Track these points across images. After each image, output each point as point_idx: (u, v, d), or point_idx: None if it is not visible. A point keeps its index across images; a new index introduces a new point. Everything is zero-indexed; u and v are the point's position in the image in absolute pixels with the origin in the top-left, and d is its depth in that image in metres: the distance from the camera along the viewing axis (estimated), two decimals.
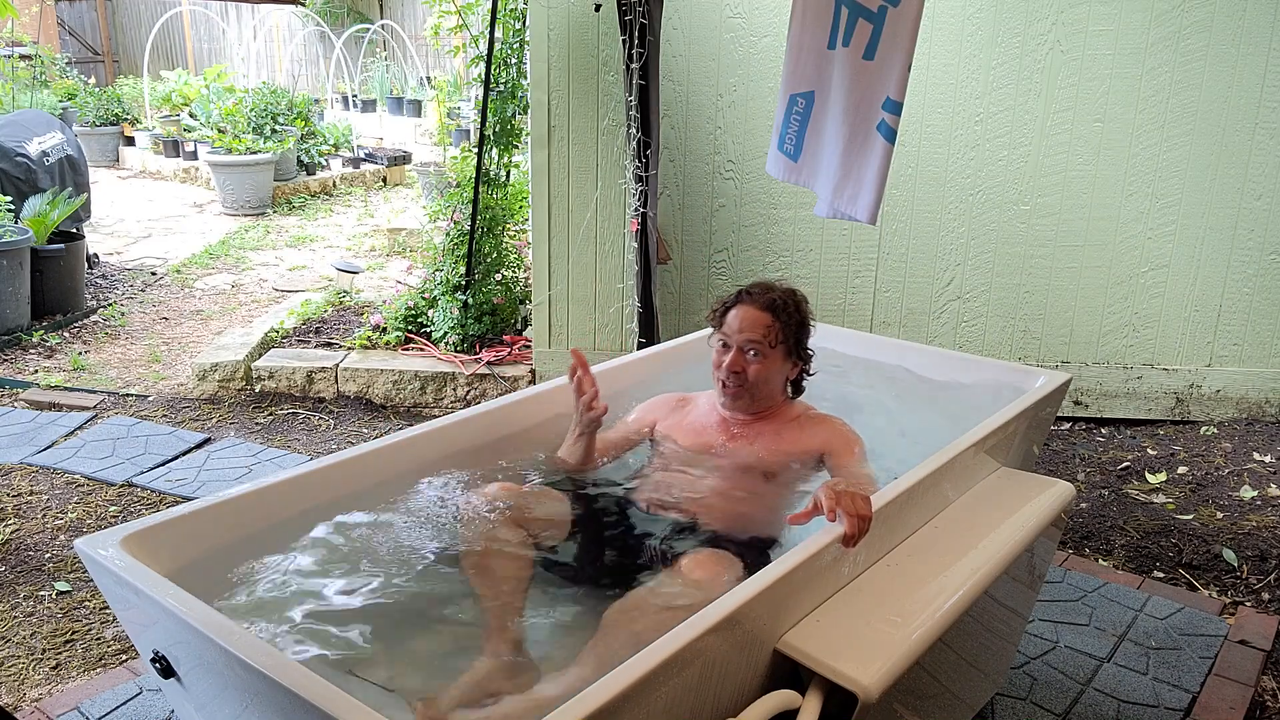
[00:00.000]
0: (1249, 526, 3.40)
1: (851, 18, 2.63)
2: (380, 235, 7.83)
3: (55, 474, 3.72)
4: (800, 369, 2.33)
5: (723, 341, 2.27)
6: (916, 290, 4.36)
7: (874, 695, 1.57)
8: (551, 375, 4.17)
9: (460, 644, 1.80)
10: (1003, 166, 4.17)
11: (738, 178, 4.28)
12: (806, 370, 2.35)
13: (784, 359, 2.26)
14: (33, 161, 6.46)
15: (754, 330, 2.21)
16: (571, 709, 1.28)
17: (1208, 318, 4.27)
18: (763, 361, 2.22)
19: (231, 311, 6.03)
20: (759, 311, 2.23)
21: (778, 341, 2.23)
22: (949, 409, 2.62)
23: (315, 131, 10.19)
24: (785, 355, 2.26)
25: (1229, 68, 3.98)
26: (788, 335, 2.24)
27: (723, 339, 2.27)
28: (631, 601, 1.76)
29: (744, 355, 2.23)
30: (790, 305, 2.26)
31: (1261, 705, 2.53)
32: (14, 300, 5.29)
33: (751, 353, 2.22)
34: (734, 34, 4.12)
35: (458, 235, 4.90)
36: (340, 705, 1.29)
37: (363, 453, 2.07)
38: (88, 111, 11.06)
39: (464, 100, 10.12)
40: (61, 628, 2.79)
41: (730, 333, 2.24)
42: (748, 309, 2.24)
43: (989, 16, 4.02)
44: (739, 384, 2.23)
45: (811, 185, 2.91)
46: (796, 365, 2.31)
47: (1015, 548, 2.01)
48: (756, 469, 2.21)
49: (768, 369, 2.23)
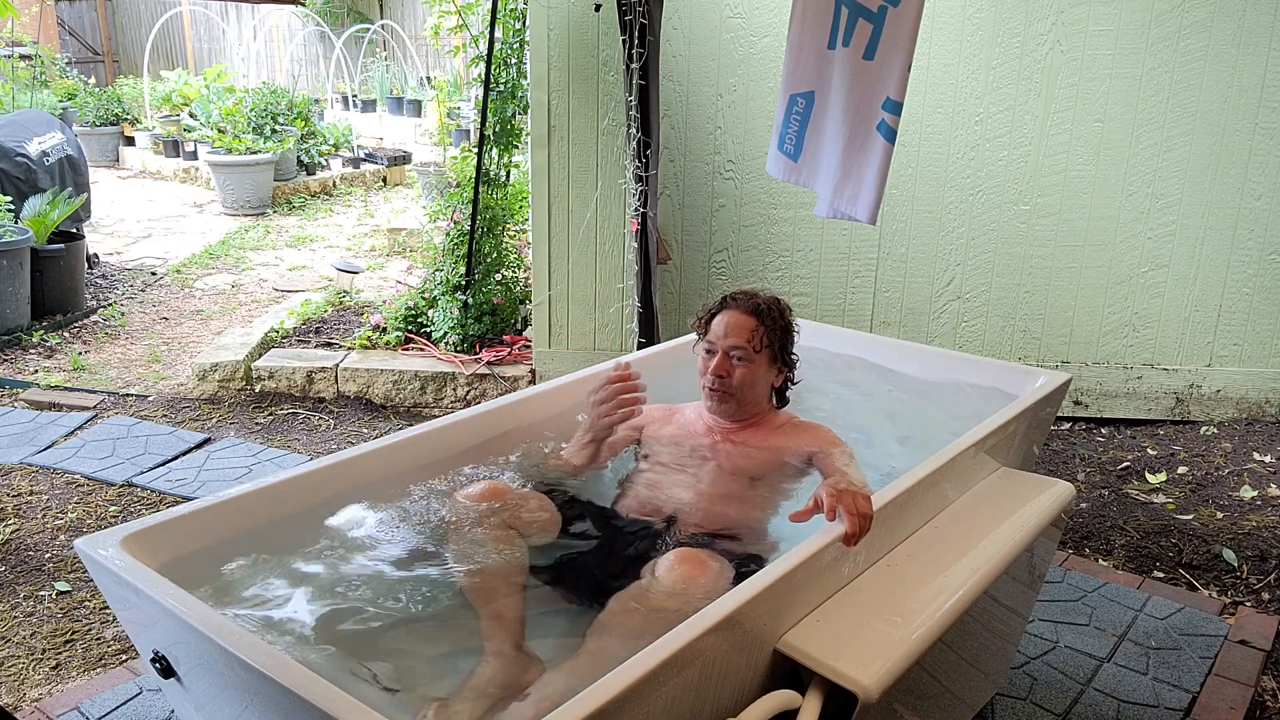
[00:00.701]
0: (1249, 526, 3.40)
1: (851, 18, 2.63)
2: (380, 235, 7.83)
3: (55, 474, 3.72)
4: (785, 375, 2.34)
5: (708, 348, 2.28)
6: (916, 290, 4.36)
7: (874, 695, 1.57)
8: (551, 375, 4.17)
9: (461, 644, 1.80)
10: (1003, 166, 4.18)
11: (738, 178, 4.28)
12: (791, 378, 2.36)
13: (769, 364, 2.27)
14: (33, 161, 6.46)
15: (739, 335, 2.23)
16: (571, 709, 1.28)
17: (1208, 318, 4.27)
18: (748, 366, 2.23)
19: (231, 311, 6.03)
20: (743, 316, 2.24)
21: (762, 346, 2.24)
22: (949, 409, 2.63)
23: (315, 131, 10.19)
24: (770, 360, 2.27)
25: (1229, 68, 3.98)
26: (773, 340, 2.26)
27: (708, 345, 2.28)
28: (618, 604, 1.76)
29: (729, 360, 2.23)
30: (775, 311, 2.28)
31: (1261, 705, 2.53)
32: (14, 300, 5.29)
33: (737, 357, 2.23)
34: (734, 34, 4.12)
35: (458, 235, 4.90)
36: (340, 705, 1.29)
37: (362, 453, 2.08)
38: (88, 111, 11.06)
39: (464, 100, 10.12)
40: (61, 628, 2.79)
41: (715, 339, 2.26)
42: (732, 314, 2.26)
43: (989, 16, 4.02)
44: (724, 389, 2.23)
45: (811, 185, 2.91)
46: (781, 372, 2.32)
47: (1015, 548, 2.01)
48: (744, 472, 2.21)
49: (753, 373, 2.24)
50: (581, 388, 2.53)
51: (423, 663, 1.77)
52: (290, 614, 1.72)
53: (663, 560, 1.79)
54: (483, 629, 1.80)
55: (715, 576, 1.75)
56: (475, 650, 1.76)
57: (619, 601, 1.77)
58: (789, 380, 2.35)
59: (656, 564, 1.80)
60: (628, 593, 1.78)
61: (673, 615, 1.62)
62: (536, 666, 1.73)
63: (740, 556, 1.95)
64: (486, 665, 1.71)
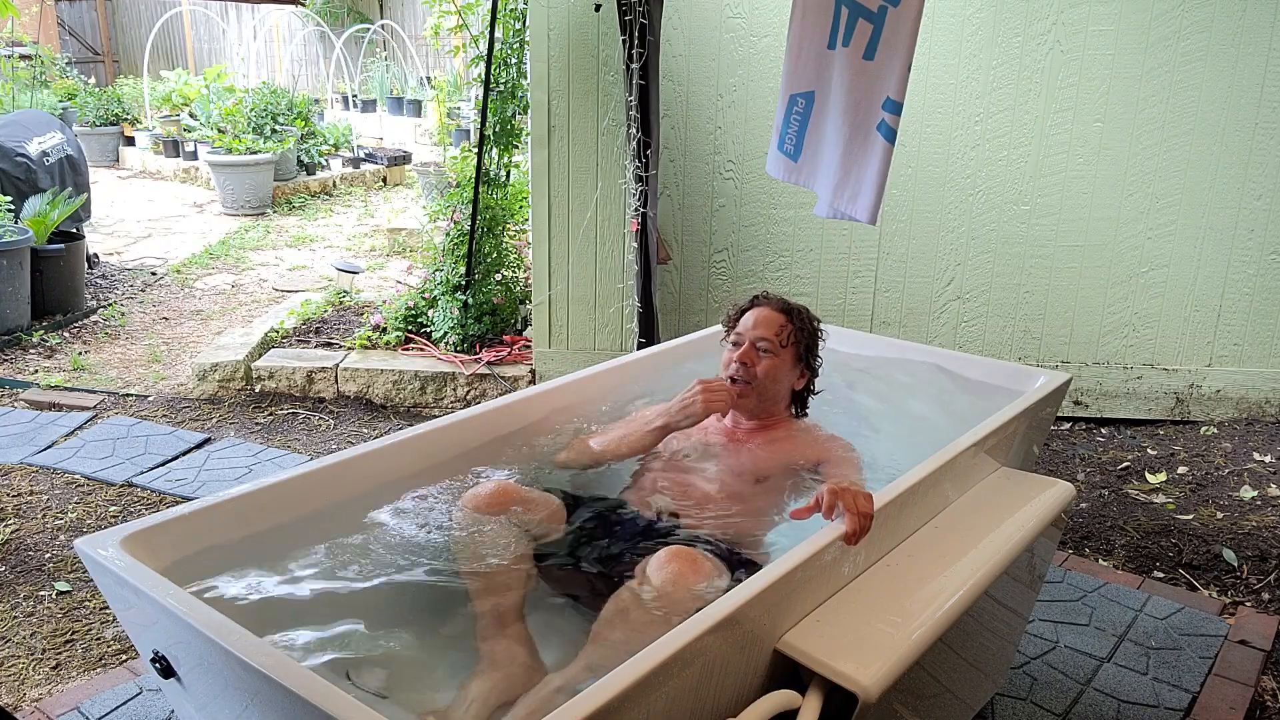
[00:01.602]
0: (1249, 526, 3.40)
1: (851, 18, 2.63)
2: (380, 235, 7.83)
3: (55, 474, 3.72)
4: (807, 380, 2.37)
5: (734, 340, 2.33)
6: (916, 290, 4.36)
7: (874, 695, 1.57)
8: (551, 375, 4.17)
9: (461, 646, 1.80)
10: (1003, 166, 4.18)
11: (738, 178, 4.28)
12: (812, 387, 2.39)
13: (793, 363, 2.32)
14: (33, 161, 6.46)
15: (767, 328, 2.29)
16: (571, 709, 1.28)
17: (1208, 318, 4.27)
18: (773, 360, 2.27)
19: (231, 311, 6.03)
20: (774, 312, 2.32)
21: (789, 342, 2.29)
22: (948, 409, 2.63)
23: (315, 131, 10.19)
24: (795, 360, 2.32)
25: (1229, 68, 3.98)
26: (799, 339, 2.31)
27: (735, 338, 2.33)
28: (612, 608, 1.75)
29: (755, 350, 2.28)
30: (804, 313, 2.37)
31: (1261, 705, 2.53)
32: (14, 300, 5.29)
33: (762, 349, 2.28)
34: (734, 34, 4.12)
35: (458, 235, 4.90)
36: (340, 705, 1.29)
37: (363, 453, 2.07)
38: (88, 111, 11.06)
39: (464, 100, 10.12)
40: (61, 628, 2.79)
41: (743, 330, 2.32)
42: (763, 310, 2.34)
43: (989, 16, 4.02)
44: (747, 378, 2.26)
45: (811, 185, 2.91)
46: (804, 375, 2.36)
47: (1015, 548, 2.01)
48: (750, 473, 2.21)
49: (776, 368, 2.28)
50: (582, 388, 2.53)
51: (420, 668, 1.77)
52: (290, 614, 1.72)
53: (654, 560, 1.76)
54: (481, 629, 1.80)
55: (707, 576, 1.73)
56: (475, 652, 1.76)
57: (612, 604, 1.75)
58: (810, 388, 2.39)
59: (648, 563, 1.77)
60: (619, 596, 1.76)
61: (660, 618, 1.61)
62: (536, 670, 1.73)
63: (738, 557, 1.95)
64: (485, 672, 1.70)
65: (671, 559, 1.74)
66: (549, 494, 2.09)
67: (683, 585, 1.69)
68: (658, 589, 1.69)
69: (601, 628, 1.73)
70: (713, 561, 1.80)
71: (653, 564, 1.76)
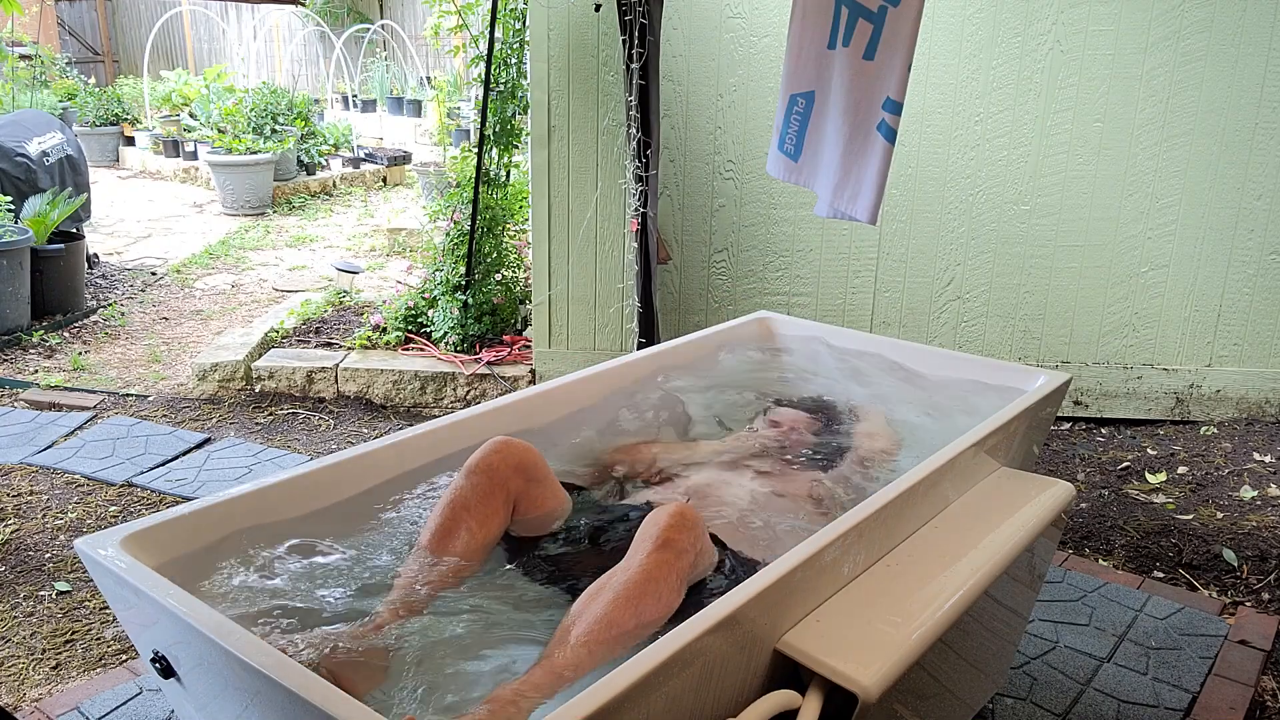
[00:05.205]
0: (1249, 526, 3.40)
1: (851, 17, 2.63)
2: (380, 235, 7.83)
3: (55, 474, 3.72)
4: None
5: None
6: (916, 290, 4.36)
7: (874, 695, 1.57)
8: (551, 375, 4.17)
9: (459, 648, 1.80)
10: (1003, 166, 4.18)
11: (738, 178, 4.28)
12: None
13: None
14: (33, 161, 6.45)
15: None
16: (571, 709, 1.28)
17: (1208, 318, 4.27)
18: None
19: (231, 311, 6.03)
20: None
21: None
22: (948, 409, 2.63)
23: (315, 131, 10.19)
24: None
25: (1229, 68, 3.98)
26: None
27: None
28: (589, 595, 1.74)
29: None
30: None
31: (1261, 705, 2.53)
32: (14, 300, 5.29)
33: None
34: (734, 34, 4.12)
35: (458, 235, 4.90)
36: (340, 705, 1.29)
37: (363, 453, 2.07)
38: (88, 111, 11.05)
39: (464, 100, 10.12)
40: (61, 628, 2.79)
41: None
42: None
43: (989, 16, 4.02)
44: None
45: (811, 185, 2.91)
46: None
47: (1015, 548, 2.01)
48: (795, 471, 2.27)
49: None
50: (582, 388, 2.53)
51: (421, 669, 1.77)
52: (290, 614, 1.72)
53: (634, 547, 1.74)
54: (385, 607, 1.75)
55: (698, 523, 1.76)
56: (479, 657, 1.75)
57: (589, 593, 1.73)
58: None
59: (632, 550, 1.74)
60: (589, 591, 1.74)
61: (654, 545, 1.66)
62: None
63: (738, 558, 1.94)
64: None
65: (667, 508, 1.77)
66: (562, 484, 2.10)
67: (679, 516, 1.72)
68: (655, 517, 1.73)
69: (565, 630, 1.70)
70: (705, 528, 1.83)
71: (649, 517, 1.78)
